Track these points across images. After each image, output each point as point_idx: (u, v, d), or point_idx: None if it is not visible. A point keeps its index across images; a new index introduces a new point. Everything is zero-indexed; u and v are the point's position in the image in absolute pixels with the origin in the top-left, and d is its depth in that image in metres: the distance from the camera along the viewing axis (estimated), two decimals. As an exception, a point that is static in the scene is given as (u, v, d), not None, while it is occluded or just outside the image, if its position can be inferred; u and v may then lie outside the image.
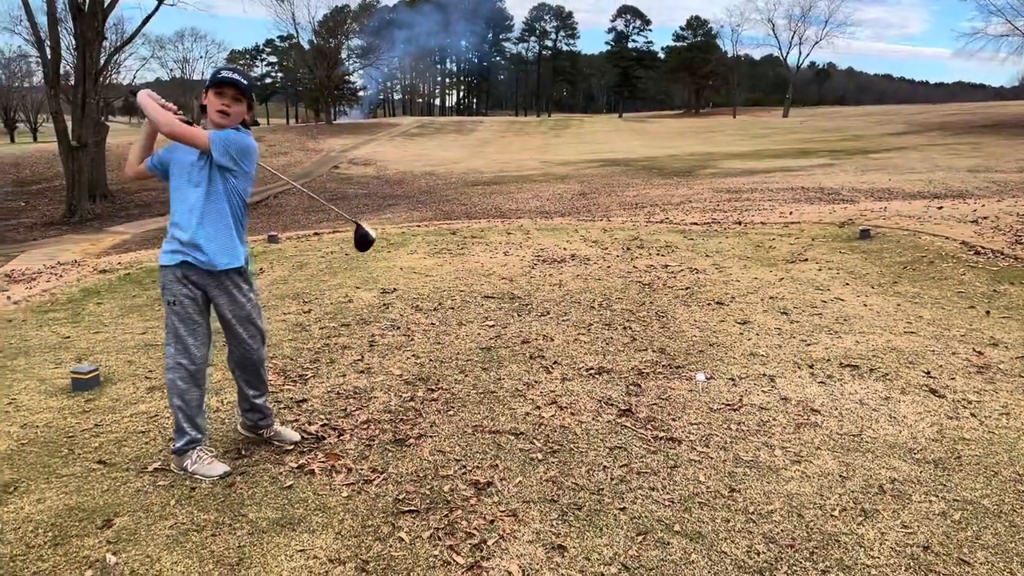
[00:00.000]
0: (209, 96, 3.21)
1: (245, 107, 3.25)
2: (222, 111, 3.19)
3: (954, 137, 36.75)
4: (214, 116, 3.21)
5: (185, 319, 3.26)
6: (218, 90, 3.19)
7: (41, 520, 3.02)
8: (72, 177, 24.38)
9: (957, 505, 3.11)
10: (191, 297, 3.27)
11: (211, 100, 3.21)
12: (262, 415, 3.66)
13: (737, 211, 13.77)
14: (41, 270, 9.37)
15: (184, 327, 3.27)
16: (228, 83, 3.19)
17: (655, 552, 2.81)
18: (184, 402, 3.33)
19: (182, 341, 3.27)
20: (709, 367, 4.81)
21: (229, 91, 3.20)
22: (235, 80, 3.20)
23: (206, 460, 3.40)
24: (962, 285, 6.78)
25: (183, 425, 3.37)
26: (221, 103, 3.19)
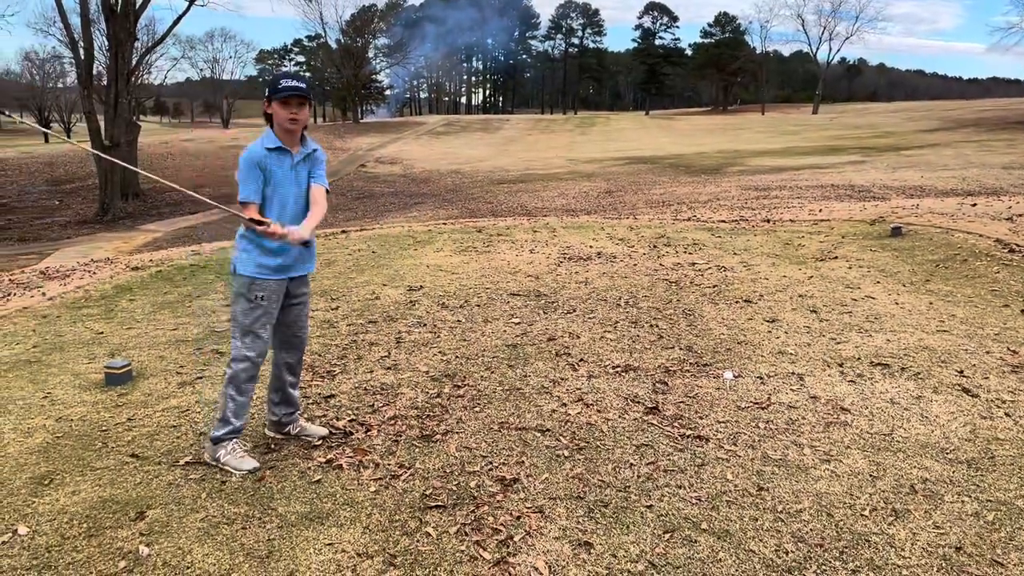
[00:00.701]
0: (275, 106, 3.33)
1: (307, 110, 3.42)
2: (293, 119, 3.33)
3: (988, 133, 36.11)
4: (286, 124, 3.34)
5: (269, 315, 3.46)
6: (284, 100, 3.31)
7: (76, 512, 3.08)
8: (105, 176, 24.78)
9: (990, 506, 3.06)
10: (279, 294, 3.49)
11: (278, 110, 3.33)
12: (291, 408, 3.74)
13: (766, 209, 13.64)
14: (75, 267, 9.54)
15: (265, 322, 3.45)
16: (294, 93, 3.32)
17: (682, 550, 2.79)
18: (239, 392, 3.47)
19: (259, 336, 3.44)
20: (737, 365, 4.77)
21: (294, 100, 3.32)
22: (301, 90, 3.34)
23: (239, 453, 3.47)
24: (996, 283, 6.66)
25: (229, 415, 3.46)
26: (290, 113, 3.32)
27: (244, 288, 3.40)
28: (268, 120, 3.42)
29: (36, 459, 3.59)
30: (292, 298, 3.58)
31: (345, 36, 72.97)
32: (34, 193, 31.17)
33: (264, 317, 3.44)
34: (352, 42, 71.92)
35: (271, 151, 3.37)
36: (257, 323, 3.42)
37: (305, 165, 3.47)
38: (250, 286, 3.39)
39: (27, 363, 5.08)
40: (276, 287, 3.45)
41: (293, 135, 3.40)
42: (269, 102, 3.35)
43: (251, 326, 3.41)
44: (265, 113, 3.42)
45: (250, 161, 3.32)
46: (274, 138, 3.38)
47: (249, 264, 3.39)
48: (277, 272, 3.44)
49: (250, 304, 3.40)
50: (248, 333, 3.42)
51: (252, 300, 3.40)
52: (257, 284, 3.40)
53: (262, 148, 3.35)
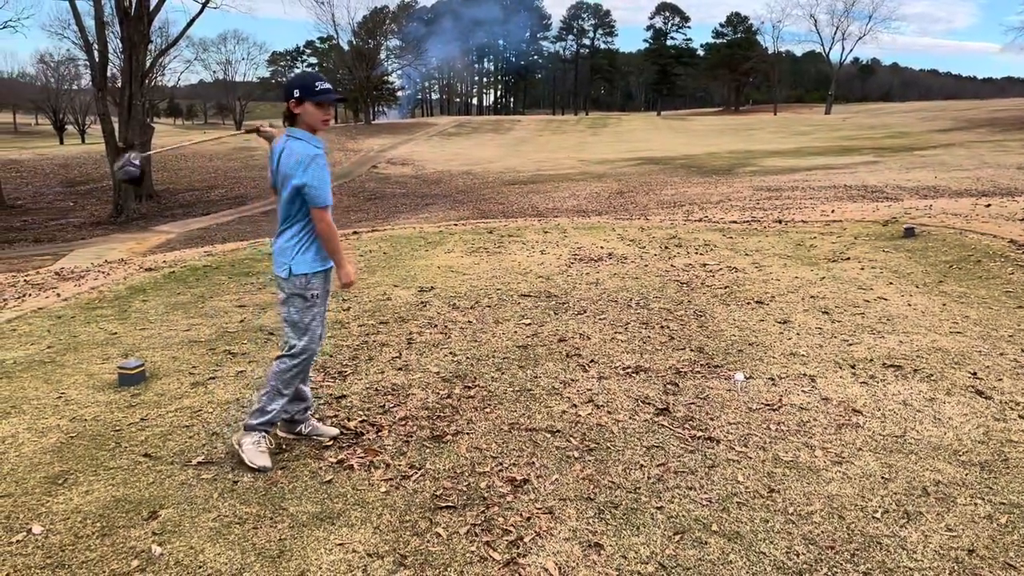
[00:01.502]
0: (309, 106, 3.34)
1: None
2: (326, 121, 3.42)
3: (1003, 133, 35.85)
4: (320, 125, 3.39)
5: (321, 309, 3.57)
6: (321, 103, 3.36)
7: (89, 511, 3.11)
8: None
9: (1004, 508, 3.04)
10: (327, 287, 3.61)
11: (313, 111, 3.35)
12: (304, 403, 3.77)
13: (777, 209, 13.59)
14: (89, 268, 9.61)
15: (319, 316, 3.56)
16: (337, 99, 3.43)
17: (692, 551, 2.79)
18: (285, 387, 3.54)
19: (315, 332, 3.54)
20: (748, 367, 4.76)
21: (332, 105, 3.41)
22: (343, 99, 3.51)
23: (261, 446, 3.51)
24: (1010, 284, 6.61)
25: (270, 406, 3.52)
26: (325, 114, 3.40)
27: (302, 287, 3.44)
28: (290, 119, 3.39)
29: (50, 459, 3.62)
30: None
31: (357, 37, 73.24)
32: (49, 195, 31.43)
33: (318, 312, 3.53)
34: (364, 43, 72.18)
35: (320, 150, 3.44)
36: (314, 320, 3.50)
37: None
38: (307, 284, 3.44)
39: (41, 363, 5.13)
40: (324, 280, 3.55)
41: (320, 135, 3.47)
42: (300, 101, 3.33)
43: (309, 323, 3.49)
44: (290, 112, 3.38)
45: (322, 162, 3.36)
46: (316, 139, 3.40)
47: (305, 263, 3.44)
48: (324, 264, 3.51)
49: (307, 302, 3.46)
50: (306, 331, 3.49)
51: (308, 298, 3.46)
52: (312, 282, 3.46)
53: (317, 149, 3.37)
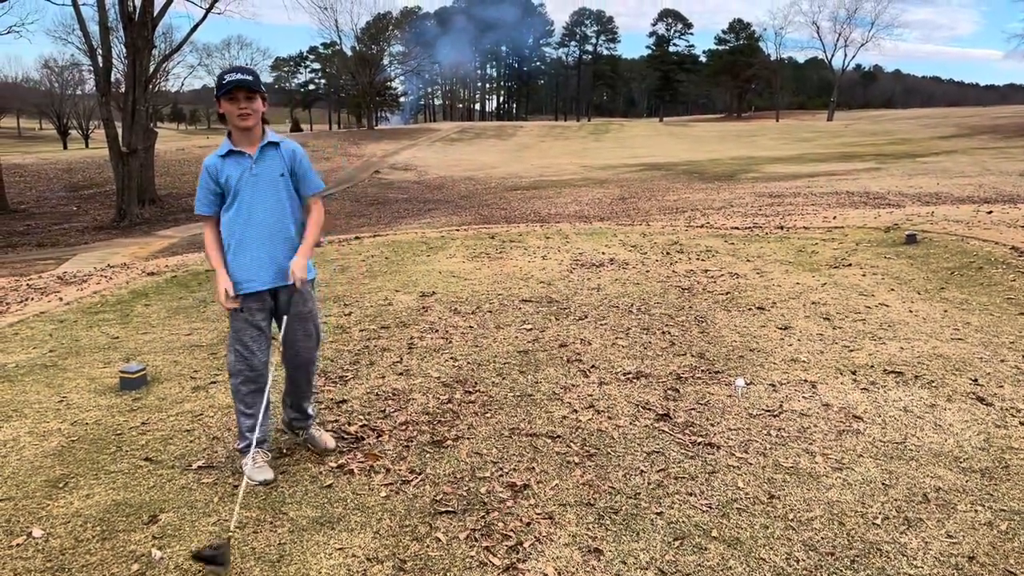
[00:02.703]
0: (224, 104, 3.12)
1: (261, 102, 3.18)
2: (243, 114, 3.11)
3: (1005, 140, 35.84)
4: (237, 121, 3.12)
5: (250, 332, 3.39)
6: (230, 96, 3.08)
7: (90, 515, 3.11)
8: (122, 182, 24.99)
9: (1004, 515, 3.04)
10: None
11: (227, 107, 3.12)
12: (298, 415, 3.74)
13: (779, 215, 13.59)
14: (92, 272, 9.63)
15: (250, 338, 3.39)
16: (236, 86, 3.08)
17: (692, 557, 2.79)
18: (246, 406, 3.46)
19: (237, 349, 3.38)
20: (749, 372, 4.76)
21: (240, 93, 3.09)
22: (241, 81, 3.07)
23: (259, 462, 3.43)
24: (1012, 291, 6.60)
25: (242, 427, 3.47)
26: (239, 108, 3.10)
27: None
28: (222, 120, 3.21)
29: (51, 462, 3.62)
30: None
31: (360, 43, 73.39)
32: (52, 199, 31.49)
33: (241, 328, 3.36)
34: (367, 49, 72.31)
35: (224, 158, 3.18)
36: (236, 337, 3.37)
37: (269, 162, 3.24)
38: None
39: (43, 367, 5.14)
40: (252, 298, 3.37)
41: (248, 134, 3.17)
42: (218, 101, 3.12)
43: (231, 338, 3.38)
44: (219, 115, 3.20)
45: (203, 172, 3.18)
46: (227, 143, 3.19)
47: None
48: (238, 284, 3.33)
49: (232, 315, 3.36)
50: (230, 347, 3.40)
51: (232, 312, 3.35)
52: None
53: (215, 156, 3.19)
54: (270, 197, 3.24)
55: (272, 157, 3.25)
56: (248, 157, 3.20)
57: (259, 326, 3.34)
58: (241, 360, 3.34)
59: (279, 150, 3.27)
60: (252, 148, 3.21)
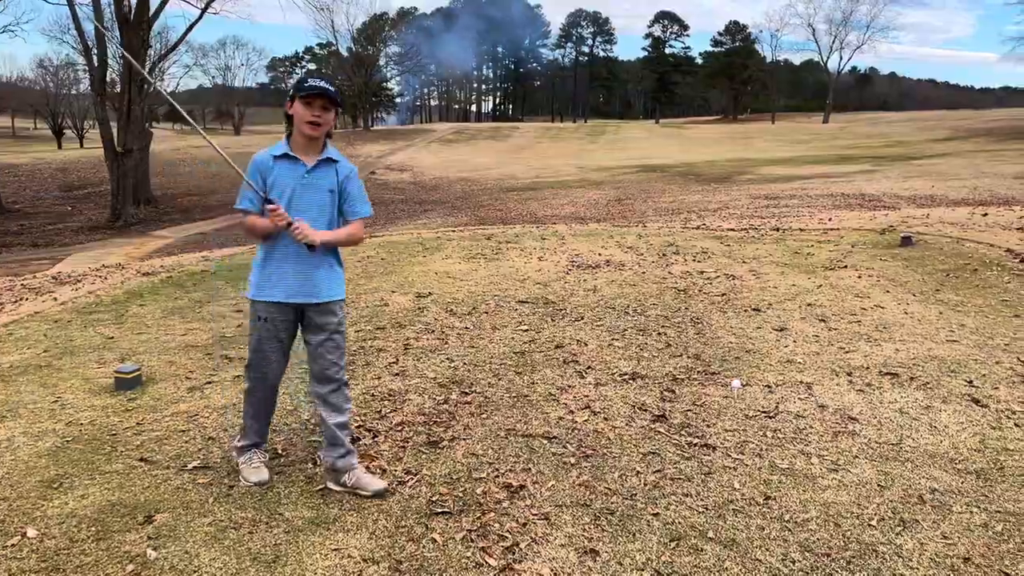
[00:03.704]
0: (297, 105, 3.02)
1: (332, 116, 3.12)
2: (314, 122, 3.03)
3: (1000, 143, 35.97)
4: (305, 127, 3.03)
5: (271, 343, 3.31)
6: (307, 100, 3.00)
7: (84, 515, 3.10)
8: (117, 182, 24.95)
9: (999, 516, 3.05)
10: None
11: (299, 110, 3.02)
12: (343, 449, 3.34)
13: (775, 217, 13.61)
14: (87, 272, 9.61)
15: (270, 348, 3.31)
16: (318, 93, 3.01)
17: (688, 558, 2.79)
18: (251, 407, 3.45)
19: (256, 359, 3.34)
20: (745, 374, 4.76)
21: (319, 101, 3.02)
22: (325, 90, 3.02)
23: (254, 463, 3.42)
24: (1007, 293, 6.62)
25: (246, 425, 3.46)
26: (312, 114, 3.02)
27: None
28: (288, 122, 3.10)
29: (46, 463, 3.61)
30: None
31: (356, 44, 73.38)
32: (47, 199, 31.43)
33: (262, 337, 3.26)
34: (363, 50, 72.31)
35: (278, 159, 3.09)
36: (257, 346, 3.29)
37: (323, 174, 3.14)
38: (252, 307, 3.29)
39: (38, 367, 5.12)
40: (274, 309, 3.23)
41: (311, 143, 3.10)
42: (292, 100, 3.04)
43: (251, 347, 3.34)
44: (286, 114, 3.10)
45: (252, 167, 3.08)
46: (283, 145, 3.10)
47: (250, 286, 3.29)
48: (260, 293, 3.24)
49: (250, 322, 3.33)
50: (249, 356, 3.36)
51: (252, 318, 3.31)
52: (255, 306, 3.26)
53: (268, 154, 3.09)
54: (315, 211, 3.14)
55: (327, 172, 3.15)
56: (303, 165, 3.10)
57: (280, 339, 3.23)
58: (258, 369, 3.29)
59: (335, 167, 3.18)
60: (309, 159, 3.11)
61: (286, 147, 3.11)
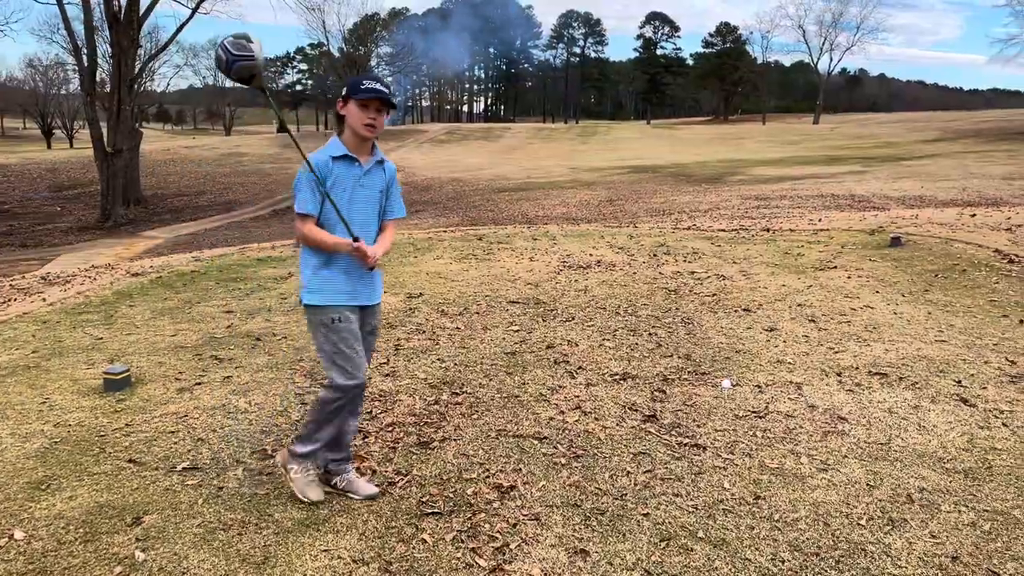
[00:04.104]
0: (352, 107, 2.99)
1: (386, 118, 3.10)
2: (370, 125, 3.01)
3: (989, 144, 36.18)
4: (361, 129, 3.01)
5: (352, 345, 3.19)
6: (363, 102, 2.98)
7: (72, 517, 3.08)
8: (107, 182, 24.84)
9: (987, 516, 3.06)
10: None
11: (355, 111, 2.99)
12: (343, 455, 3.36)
13: (765, 218, 13.66)
14: (76, 273, 9.55)
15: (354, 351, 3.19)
16: (375, 95, 2.98)
17: (678, 558, 2.79)
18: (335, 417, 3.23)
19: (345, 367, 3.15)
20: (735, 374, 4.78)
21: (374, 103, 2.99)
22: (381, 92, 2.99)
23: (311, 476, 3.27)
24: (995, 293, 6.66)
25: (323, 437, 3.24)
26: (368, 116, 2.99)
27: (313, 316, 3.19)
28: (339, 122, 3.07)
29: (33, 464, 3.59)
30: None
31: (348, 44, 73.20)
32: (36, 199, 31.26)
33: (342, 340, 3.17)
34: (354, 50, 72.13)
35: (337, 160, 3.03)
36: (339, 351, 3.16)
37: (376, 175, 3.15)
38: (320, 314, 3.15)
39: (26, 368, 5.09)
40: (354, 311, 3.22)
41: (364, 144, 3.08)
42: (345, 101, 3.00)
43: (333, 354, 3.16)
44: (337, 115, 3.08)
45: (314, 164, 3.01)
46: (340, 145, 3.05)
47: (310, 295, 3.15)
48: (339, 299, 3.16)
49: (328, 329, 3.14)
50: (332, 364, 3.16)
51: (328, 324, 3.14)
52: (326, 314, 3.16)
53: (326, 156, 3.02)
54: (369, 212, 3.14)
55: (379, 173, 3.16)
56: (359, 166, 3.09)
57: (358, 336, 3.17)
58: (348, 375, 3.10)
59: (383, 167, 3.19)
60: (364, 159, 3.09)
61: (343, 147, 3.06)
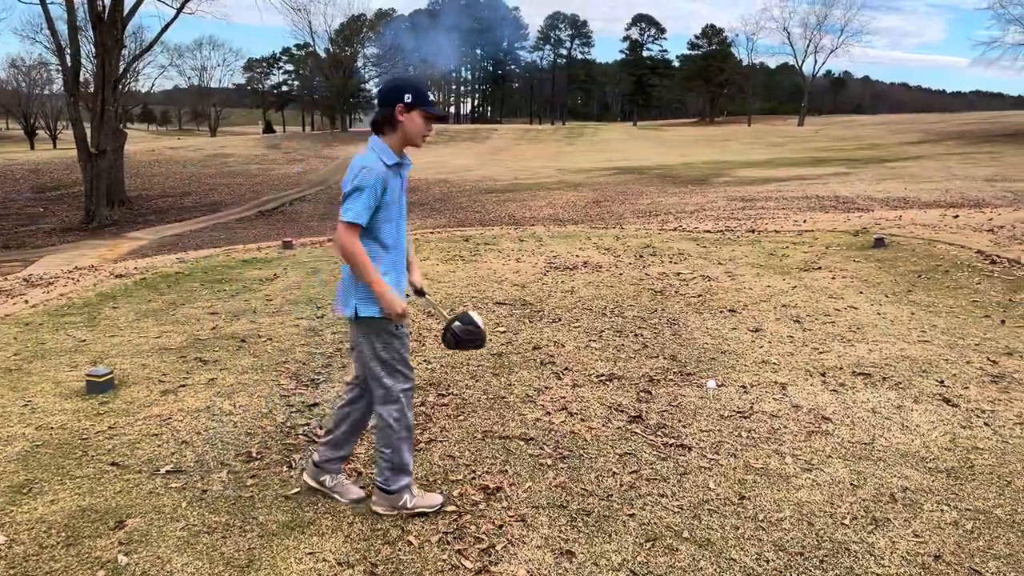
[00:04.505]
0: (415, 115, 2.96)
1: None
2: (426, 136, 3.07)
3: (972, 146, 36.51)
4: (419, 141, 3.04)
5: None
6: (428, 115, 3.01)
7: (54, 521, 3.06)
8: (91, 183, 24.63)
9: (969, 515, 3.09)
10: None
11: (417, 120, 2.97)
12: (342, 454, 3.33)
13: (751, 219, 13.72)
14: (59, 275, 9.47)
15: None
16: (440, 118, 3.17)
17: (664, 558, 2.80)
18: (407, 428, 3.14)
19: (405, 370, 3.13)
20: (720, 374, 4.79)
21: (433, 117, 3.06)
22: (445, 117, 3.14)
23: (414, 490, 3.18)
24: (977, 294, 6.72)
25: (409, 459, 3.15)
26: (427, 129, 3.06)
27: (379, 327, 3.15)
28: (388, 124, 2.97)
29: (15, 467, 3.55)
30: None
31: (334, 45, 73.00)
32: (19, 200, 30.96)
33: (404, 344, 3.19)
34: (341, 51, 71.96)
35: (391, 168, 2.95)
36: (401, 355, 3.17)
37: (407, 181, 3.20)
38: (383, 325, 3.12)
39: (8, 371, 5.04)
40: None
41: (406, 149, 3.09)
42: (410, 107, 2.93)
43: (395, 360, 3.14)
44: (388, 118, 2.95)
45: (376, 178, 2.87)
46: (391, 152, 2.96)
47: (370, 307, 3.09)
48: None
49: (392, 336, 3.12)
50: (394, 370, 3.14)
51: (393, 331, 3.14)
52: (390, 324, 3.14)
53: (383, 165, 2.91)
54: (405, 212, 3.18)
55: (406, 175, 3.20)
56: (404, 172, 3.10)
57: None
58: (407, 378, 3.08)
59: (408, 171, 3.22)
60: (405, 164, 3.10)
61: (395, 155, 2.99)
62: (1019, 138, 38.32)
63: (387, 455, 3.08)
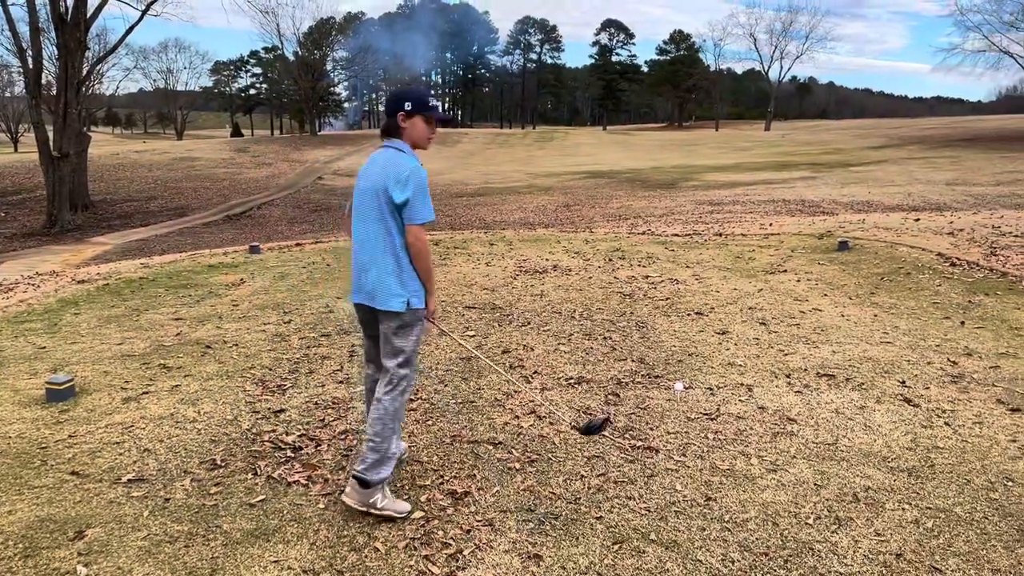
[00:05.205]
0: (419, 120, 3.15)
1: None
2: (431, 139, 3.24)
3: (933, 151, 37.20)
4: (426, 144, 3.23)
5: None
6: (429, 118, 3.18)
7: (11, 532, 2.99)
8: (53, 187, 24.16)
9: (930, 513, 3.14)
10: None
11: (422, 126, 3.17)
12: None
13: (718, 223, 13.86)
14: (19, 281, 9.27)
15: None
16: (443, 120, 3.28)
17: (631, 561, 2.81)
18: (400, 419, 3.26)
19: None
20: (687, 377, 4.83)
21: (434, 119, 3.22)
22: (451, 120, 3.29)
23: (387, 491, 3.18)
24: (938, 296, 6.85)
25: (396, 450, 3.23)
26: (431, 131, 3.22)
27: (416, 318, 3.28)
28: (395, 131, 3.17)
29: (-29, 478, 3.47)
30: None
31: (303, 48, 72.44)
32: (-22, 204, 30.27)
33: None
34: (309, 54, 71.43)
35: None
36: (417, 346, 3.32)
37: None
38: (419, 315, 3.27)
39: (-36, 379, 4.92)
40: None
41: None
42: (411, 115, 3.13)
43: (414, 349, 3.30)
44: (394, 127, 3.16)
45: (423, 178, 3.09)
46: (414, 154, 3.18)
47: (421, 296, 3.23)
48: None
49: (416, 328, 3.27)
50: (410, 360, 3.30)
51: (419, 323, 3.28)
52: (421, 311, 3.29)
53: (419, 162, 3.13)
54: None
55: None
56: None
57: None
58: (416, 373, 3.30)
59: None
60: None
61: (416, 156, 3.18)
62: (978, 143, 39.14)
63: (376, 443, 3.10)
